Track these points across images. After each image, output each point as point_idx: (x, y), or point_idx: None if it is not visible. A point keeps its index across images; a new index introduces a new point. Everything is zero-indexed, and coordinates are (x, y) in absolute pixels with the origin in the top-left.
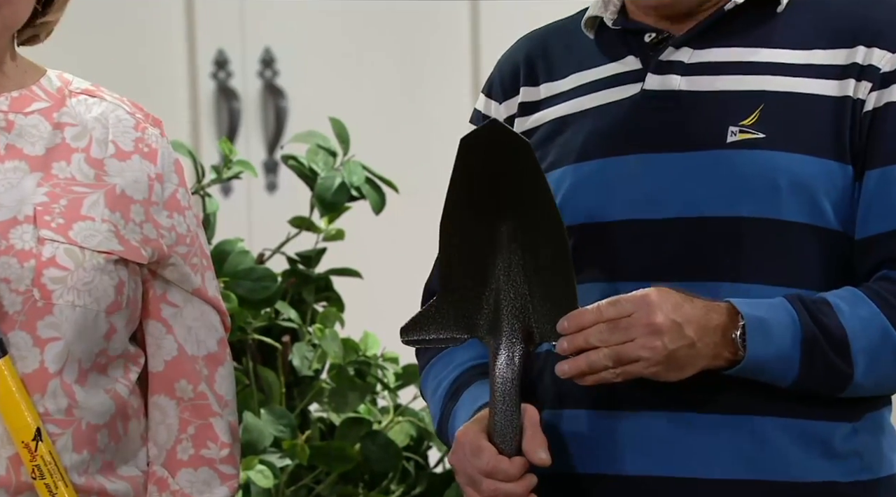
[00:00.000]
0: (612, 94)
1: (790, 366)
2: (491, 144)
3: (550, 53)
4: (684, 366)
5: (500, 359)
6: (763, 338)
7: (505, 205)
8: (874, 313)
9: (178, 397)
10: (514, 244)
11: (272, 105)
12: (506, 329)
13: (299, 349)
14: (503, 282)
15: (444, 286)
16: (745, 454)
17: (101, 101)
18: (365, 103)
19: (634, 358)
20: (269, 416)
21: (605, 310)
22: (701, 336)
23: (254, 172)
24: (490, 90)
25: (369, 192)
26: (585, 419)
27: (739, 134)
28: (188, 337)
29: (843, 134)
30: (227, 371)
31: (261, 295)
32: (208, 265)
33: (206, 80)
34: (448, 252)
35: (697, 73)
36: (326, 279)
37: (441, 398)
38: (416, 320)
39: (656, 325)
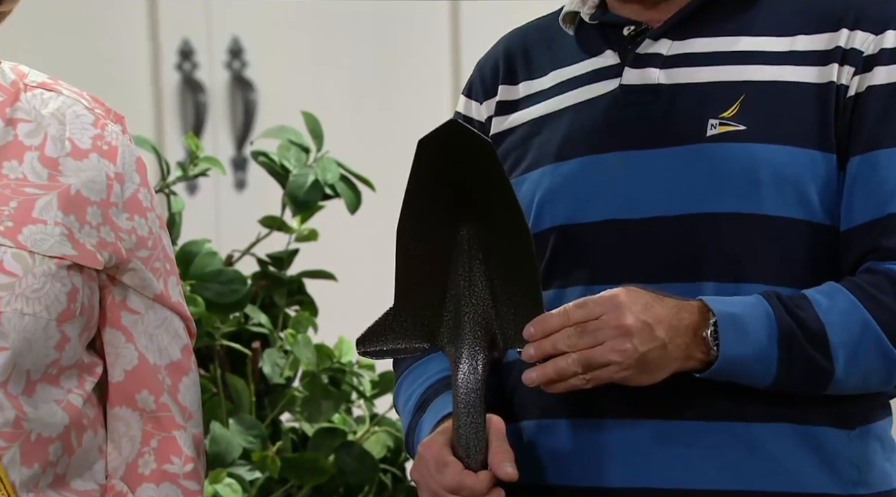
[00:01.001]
0: (591, 90)
1: (768, 364)
2: (450, 145)
3: (530, 51)
4: (655, 369)
5: (462, 368)
6: (736, 335)
7: (465, 207)
8: (854, 306)
9: (139, 409)
10: (475, 247)
11: (241, 98)
12: (468, 336)
13: (270, 356)
14: (464, 287)
15: (402, 294)
16: (733, 462)
17: (59, 95)
18: (339, 96)
19: (604, 362)
20: (238, 427)
21: (572, 313)
22: (672, 337)
23: (222, 169)
24: (470, 91)
25: (344, 191)
26: (566, 429)
27: (719, 126)
28: (150, 345)
29: (828, 122)
30: (191, 381)
31: (229, 299)
32: (172, 269)
33: (170, 72)
34: (405, 258)
35: (677, 66)
36: (299, 282)
37: (410, 412)
38: (373, 330)
39: (626, 326)
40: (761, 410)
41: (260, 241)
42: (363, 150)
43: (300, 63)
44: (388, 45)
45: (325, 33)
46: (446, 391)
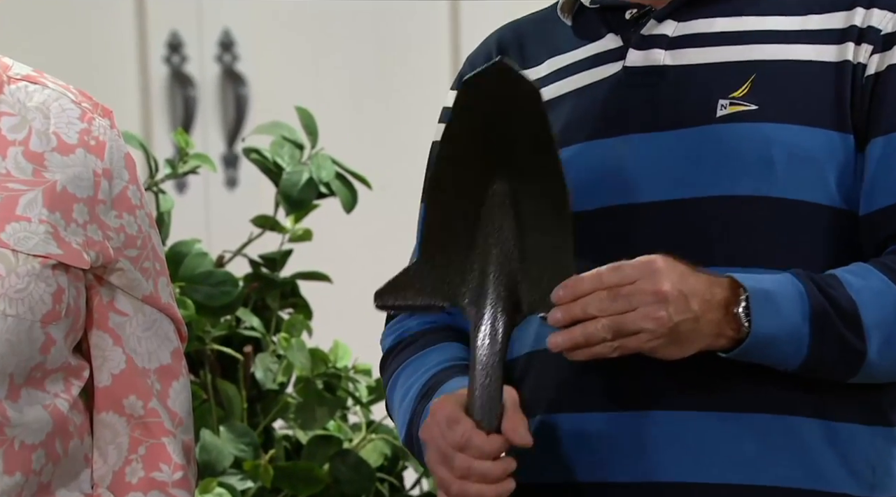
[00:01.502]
0: (592, 75)
1: (799, 343)
2: (496, 87)
3: (525, 42)
4: (686, 342)
5: (483, 329)
6: (769, 311)
7: (504, 158)
8: (887, 286)
9: (127, 414)
10: (507, 203)
11: (232, 93)
12: (491, 297)
13: (263, 360)
14: (492, 244)
15: (427, 248)
16: (750, 456)
17: (44, 88)
18: (335, 91)
19: (636, 329)
20: (229, 434)
21: (606, 276)
22: (704, 311)
23: (212, 167)
24: None
25: (339, 189)
26: (572, 424)
27: (730, 107)
28: (138, 348)
29: (844, 101)
30: (181, 385)
31: (220, 301)
32: (162, 269)
33: (158, 65)
34: (434, 210)
35: (683, 47)
36: (292, 284)
37: (412, 401)
38: (393, 283)
39: (663, 293)
40: (781, 403)
41: (252, 242)
42: (359, 147)
43: (294, 56)
44: (387, 37)
45: (321, 25)
46: (455, 376)
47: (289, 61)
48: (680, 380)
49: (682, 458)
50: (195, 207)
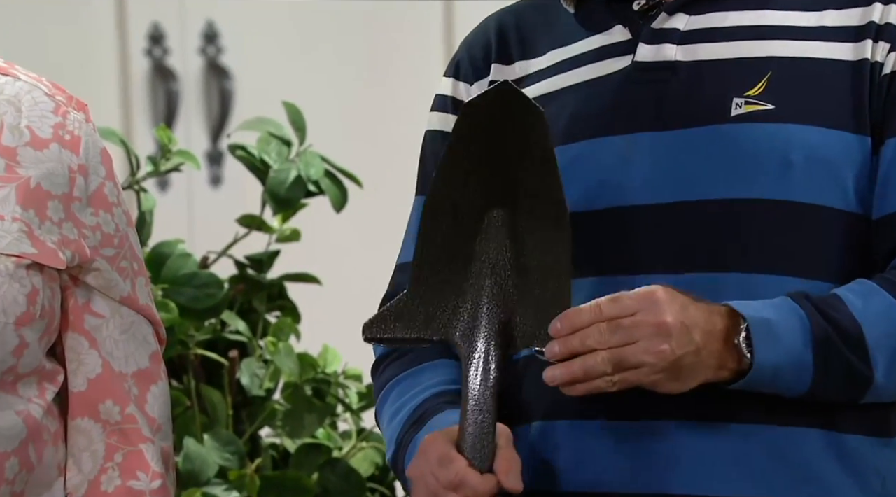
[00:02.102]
0: (599, 68)
1: (803, 371)
2: (499, 110)
3: (525, 29)
4: (687, 376)
5: (475, 364)
6: (770, 340)
7: (504, 185)
8: (891, 306)
9: (103, 420)
10: (505, 232)
11: (216, 87)
12: (484, 330)
13: (249, 366)
14: (486, 275)
15: (419, 278)
16: (758, 468)
17: (15, 80)
18: (324, 85)
19: (637, 363)
20: (213, 443)
21: (606, 307)
22: (706, 342)
23: (196, 164)
24: (457, 71)
25: (329, 187)
26: (570, 432)
27: (745, 106)
28: (115, 352)
29: (862, 101)
30: (160, 390)
31: (204, 304)
32: (140, 269)
33: (139, 58)
34: (429, 238)
35: (695, 41)
36: (280, 286)
37: (401, 423)
38: (383, 315)
39: (665, 325)
40: (789, 415)
41: (238, 242)
42: (349, 144)
43: (281, 49)
44: (378, 29)
45: (309, 16)
46: (447, 408)
47: (276, 54)
48: (696, 394)
49: (687, 469)
50: (178, 206)
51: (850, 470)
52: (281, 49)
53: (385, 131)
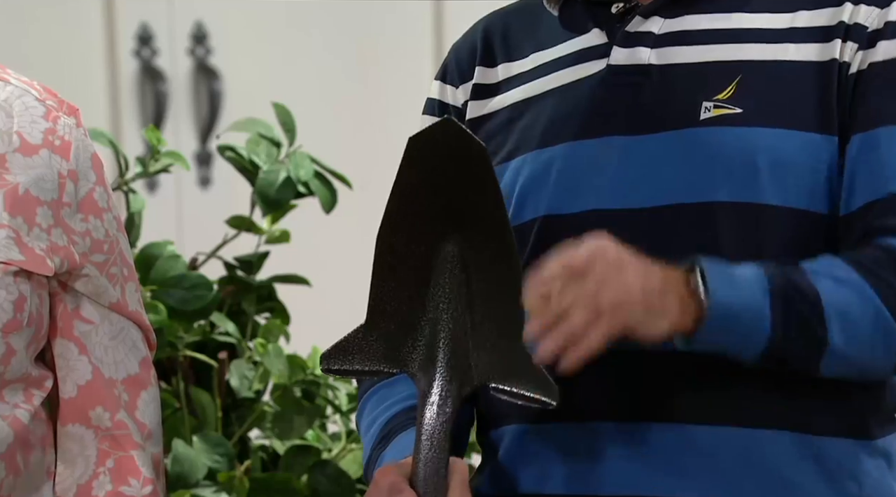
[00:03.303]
0: (576, 72)
1: (761, 321)
2: (443, 146)
3: (510, 33)
4: (659, 313)
5: (430, 399)
6: (727, 282)
7: (452, 219)
8: (850, 276)
9: (94, 426)
10: (458, 267)
11: (205, 88)
12: (440, 365)
13: (238, 367)
14: (442, 310)
15: (374, 312)
16: (728, 470)
17: (6, 84)
18: (313, 86)
19: (615, 300)
20: (202, 445)
21: (566, 260)
22: (666, 281)
23: (185, 165)
24: (445, 75)
25: (318, 188)
26: (550, 433)
27: (714, 109)
28: (105, 358)
29: (829, 102)
30: (150, 396)
31: (194, 305)
32: (130, 275)
33: (127, 59)
34: (382, 273)
35: (669, 44)
36: (269, 287)
37: (371, 439)
38: (340, 347)
39: (624, 260)
40: (760, 415)
41: (227, 243)
42: (339, 145)
43: (270, 50)
44: (368, 30)
45: (298, 18)
46: (412, 426)
47: (265, 55)
48: (654, 391)
49: (656, 471)
50: (167, 208)
51: (824, 473)
52: (270, 50)
53: (375, 132)
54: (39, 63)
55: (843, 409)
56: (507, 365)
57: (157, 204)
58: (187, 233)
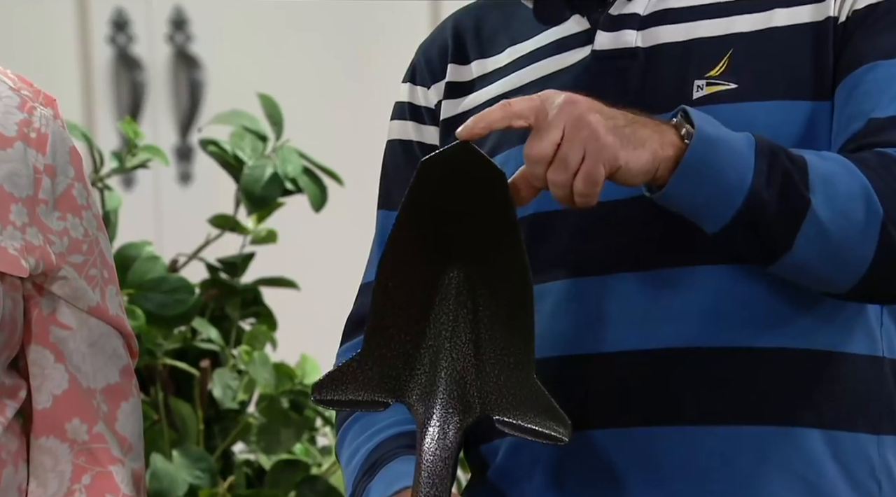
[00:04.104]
0: (557, 61)
1: (743, 166)
2: (459, 170)
3: (484, 28)
4: (637, 141)
5: (430, 431)
6: (710, 122)
7: (462, 245)
8: (836, 157)
9: (70, 440)
10: (464, 293)
11: (185, 77)
12: (441, 396)
13: (221, 376)
14: (444, 338)
15: (372, 339)
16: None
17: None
18: (301, 76)
19: (587, 118)
20: (183, 459)
21: (525, 99)
22: (636, 117)
23: (164, 160)
24: (414, 76)
25: (307, 185)
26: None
27: (706, 87)
28: (83, 366)
29: (826, 63)
30: (131, 407)
31: (174, 310)
32: (111, 277)
33: (101, 46)
34: (382, 298)
35: (655, 24)
36: (255, 291)
37: (356, 469)
38: (334, 376)
39: (573, 98)
40: (780, 413)
41: (209, 244)
42: (329, 139)
43: (255, 36)
44: (361, 16)
45: (287, 3)
46: (401, 455)
47: (249, 42)
48: (675, 394)
49: (680, 474)
50: (145, 206)
51: (845, 470)
52: (255, 36)
53: (368, 125)
54: (5, 50)
55: (867, 404)
56: (516, 396)
57: (134, 202)
58: (167, 233)
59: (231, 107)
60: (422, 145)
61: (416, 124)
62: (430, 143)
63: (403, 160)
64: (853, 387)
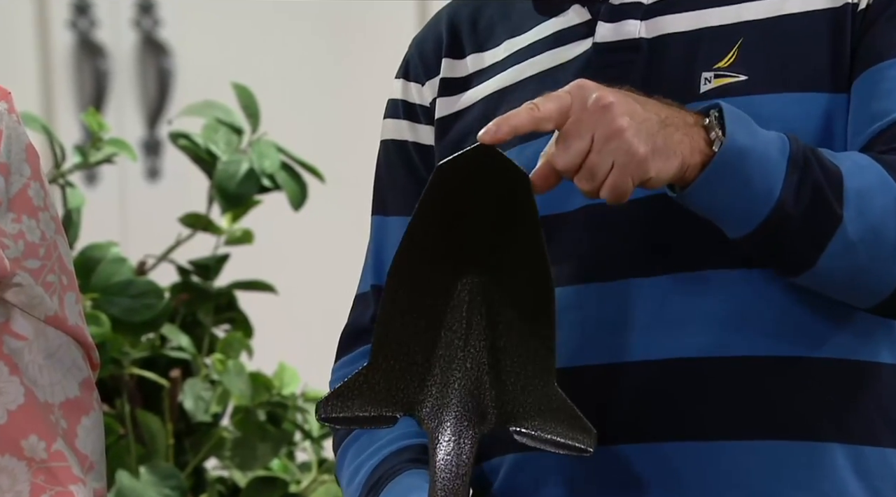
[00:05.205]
0: (556, 55)
1: (774, 175)
2: (478, 174)
3: (479, 21)
4: (663, 146)
5: (444, 447)
6: (745, 127)
7: (480, 250)
8: (872, 165)
9: (27, 458)
10: (477, 300)
11: (153, 65)
12: (454, 409)
13: (193, 387)
14: (457, 348)
15: (380, 350)
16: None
17: None
18: (279, 65)
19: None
20: (151, 476)
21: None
22: (668, 114)
23: (131, 155)
24: (408, 72)
25: (286, 182)
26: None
27: (715, 80)
28: (39, 379)
29: (844, 53)
30: (92, 422)
31: (141, 316)
32: (69, 284)
33: (60, 31)
34: (391, 307)
35: (659, 14)
36: (229, 295)
37: (359, 487)
38: (339, 392)
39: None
40: (803, 427)
41: (180, 245)
42: (309, 133)
43: (228, 22)
44: (340, 1)
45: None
46: (407, 469)
47: (222, 27)
48: (690, 408)
49: (695, 493)
50: (110, 204)
51: (868, 486)
52: (229, 21)
53: (351, 117)
54: None
55: (888, 417)
56: (535, 406)
57: (98, 199)
58: (134, 233)
59: (203, 97)
60: (417, 145)
61: (410, 123)
62: (426, 143)
63: (398, 161)
64: (878, 399)
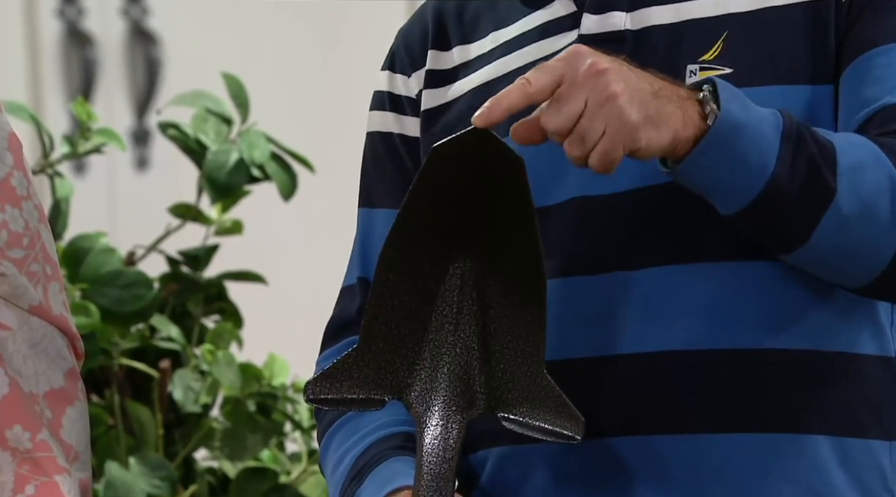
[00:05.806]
0: (542, 48)
1: (768, 149)
2: (472, 157)
3: (466, 12)
4: (658, 121)
5: (431, 431)
6: (738, 102)
7: (472, 236)
8: (865, 142)
9: (11, 448)
10: (469, 284)
11: (142, 54)
12: (443, 393)
13: (182, 378)
14: (447, 331)
15: (369, 333)
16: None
17: None
18: (269, 54)
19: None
20: (140, 467)
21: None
22: (661, 86)
23: (120, 144)
24: (393, 64)
25: (275, 172)
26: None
27: (700, 72)
28: (24, 369)
29: (828, 44)
30: (77, 412)
31: (131, 306)
32: (53, 274)
33: (48, 20)
34: (381, 291)
35: (645, 5)
36: (219, 286)
37: (343, 475)
38: (328, 374)
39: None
40: (788, 420)
41: (169, 235)
42: (300, 123)
43: (218, 11)
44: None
45: None
46: (392, 456)
47: (212, 16)
48: (684, 402)
49: (681, 486)
50: (99, 194)
51: (854, 479)
52: (218, 10)
53: (341, 107)
54: None
55: (877, 409)
56: (524, 392)
57: (87, 189)
58: (123, 223)
59: (192, 87)
60: (403, 137)
61: (396, 115)
62: (412, 135)
63: (384, 153)
64: (863, 390)
